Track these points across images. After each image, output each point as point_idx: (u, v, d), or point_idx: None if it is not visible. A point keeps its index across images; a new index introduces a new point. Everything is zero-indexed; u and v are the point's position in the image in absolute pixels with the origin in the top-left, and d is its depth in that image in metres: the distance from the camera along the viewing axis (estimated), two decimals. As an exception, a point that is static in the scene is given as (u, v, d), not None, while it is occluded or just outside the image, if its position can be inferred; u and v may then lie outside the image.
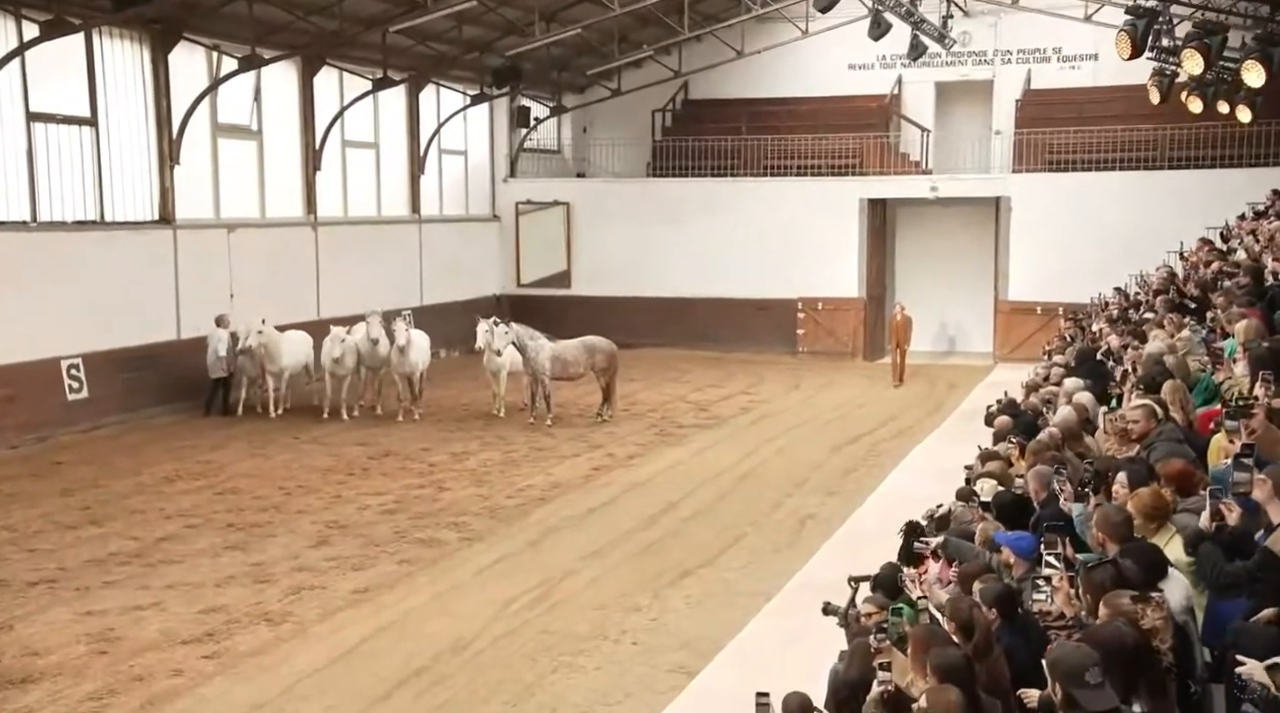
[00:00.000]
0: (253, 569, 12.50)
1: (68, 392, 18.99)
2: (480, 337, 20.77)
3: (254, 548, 13.27)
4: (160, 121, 20.91)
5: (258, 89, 23.34)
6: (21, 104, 18.62)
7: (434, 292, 29.00)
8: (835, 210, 30.55)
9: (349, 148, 26.43)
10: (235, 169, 23.05)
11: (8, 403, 17.88)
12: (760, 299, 31.02)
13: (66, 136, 19.44)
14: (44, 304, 18.67)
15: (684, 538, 14.09)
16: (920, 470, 17.52)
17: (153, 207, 21.02)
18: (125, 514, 14.67)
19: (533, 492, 16.23)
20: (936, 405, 23.91)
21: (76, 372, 19.05)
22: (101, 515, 14.57)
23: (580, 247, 32.27)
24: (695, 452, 19.14)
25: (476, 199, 31.83)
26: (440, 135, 29.73)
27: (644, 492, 16.43)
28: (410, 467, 17.66)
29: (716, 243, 31.21)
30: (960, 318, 31.75)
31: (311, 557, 12.98)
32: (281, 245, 23.94)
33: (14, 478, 16.43)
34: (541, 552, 13.41)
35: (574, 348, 21.32)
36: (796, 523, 14.88)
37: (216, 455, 18.04)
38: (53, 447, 18.35)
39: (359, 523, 14.44)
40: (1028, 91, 31.89)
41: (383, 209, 27.78)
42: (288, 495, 15.77)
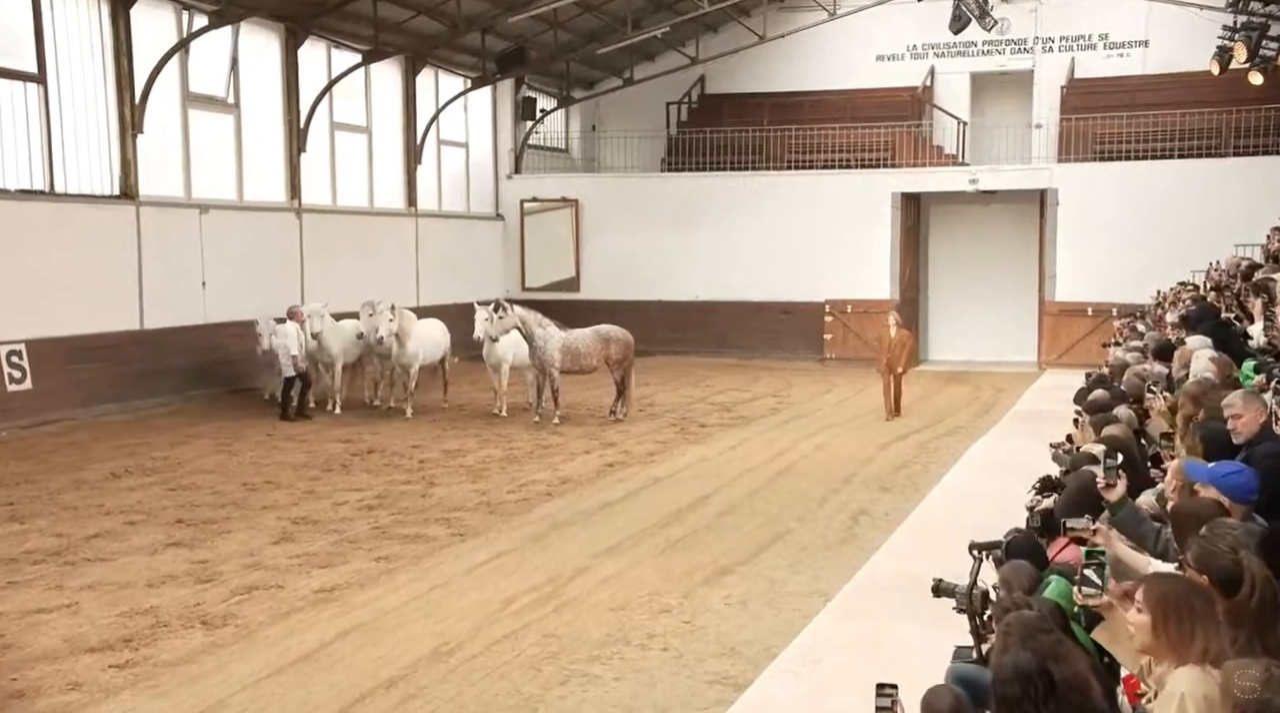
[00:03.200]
0: (196, 568, 10.36)
1: (7, 382, 16.88)
2: (478, 325, 18.71)
3: (202, 545, 11.14)
4: (121, 84, 18.90)
5: (235, 58, 21.38)
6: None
7: (432, 292, 26.90)
8: (865, 206, 28.58)
9: (339, 130, 24.48)
10: (209, 145, 21.06)
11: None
12: (784, 302, 28.98)
13: (7, 94, 17.40)
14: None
15: (718, 534, 11.94)
16: (983, 466, 15.43)
17: (112, 179, 18.98)
18: (55, 510, 12.55)
19: (537, 488, 14.09)
20: (985, 408, 21.79)
21: (18, 360, 16.96)
22: (26, 512, 12.45)
23: (590, 248, 30.26)
24: (723, 449, 17.02)
25: (479, 196, 29.86)
26: (439, 125, 27.81)
27: (667, 487, 14.29)
28: (397, 463, 15.55)
29: (737, 242, 29.23)
30: (1002, 322, 29.65)
31: (270, 554, 10.85)
32: (261, 231, 21.94)
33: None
34: (548, 548, 11.26)
35: (587, 338, 19.29)
36: (848, 519, 12.72)
37: (176, 452, 15.95)
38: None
39: (332, 519, 12.32)
40: (1072, 80, 29.92)
41: (376, 200, 25.79)
42: (252, 491, 13.65)
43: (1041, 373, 26.88)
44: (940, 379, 26.42)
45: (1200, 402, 7.81)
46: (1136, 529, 5.55)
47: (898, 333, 20.23)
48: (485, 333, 18.68)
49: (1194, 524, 4.56)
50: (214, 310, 20.28)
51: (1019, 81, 30.88)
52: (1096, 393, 11.86)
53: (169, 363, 19.38)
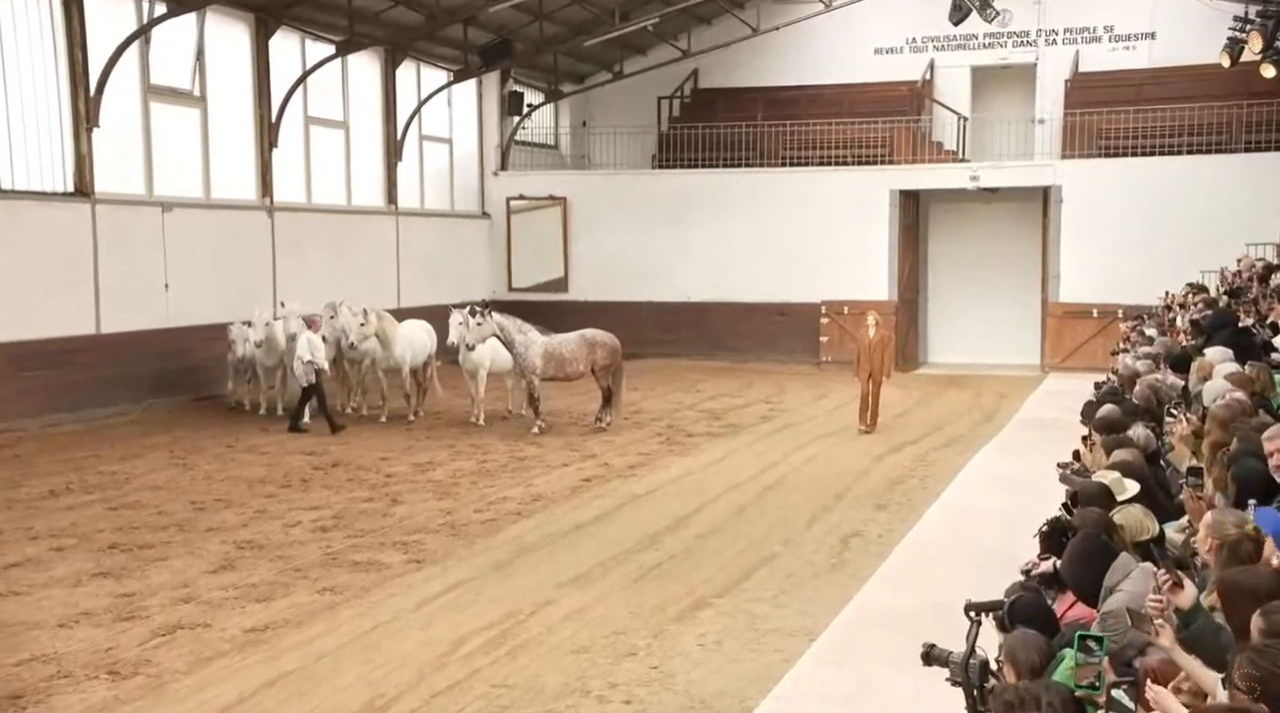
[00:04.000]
0: (119, 602, 9.42)
1: (-58, 391, 15.97)
2: (452, 330, 17.79)
3: (133, 575, 10.20)
4: (75, 75, 17.90)
5: (200, 48, 20.42)
6: None
7: (413, 293, 25.95)
8: (863, 204, 27.62)
9: (314, 125, 23.50)
10: (172, 140, 20.07)
11: None
12: (779, 303, 28.02)
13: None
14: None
15: (696, 560, 11.02)
16: (985, 481, 14.52)
17: (65, 176, 18.02)
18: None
19: (507, 506, 13.16)
20: (987, 415, 20.87)
21: (-38, 368, 16.06)
22: (-55, 537, 11.52)
23: (579, 247, 29.28)
24: (709, 461, 16.10)
25: (463, 193, 28.89)
26: (421, 120, 26.84)
27: (646, 505, 13.37)
28: (361, 478, 14.62)
29: (731, 242, 28.26)
30: (1004, 323, 28.65)
31: (206, 585, 9.91)
32: (230, 231, 20.96)
33: None
34: (510, 577, 10.33)
35: (571, 343, 18.40)
36: (839, 541, 11.80)
37: (126, 466, 15.02)
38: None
39: (280, 543, 11.39)
40: (1076, 74, 28.97)
41: (354, 198, 24.82)
42: (200, 511, 12.72)
43: (1045, 377, 25.95)
44: (939, 383, 25.50)
45: (1231, 428, 6.90)
46: (1215, 642, 4.19)
47: (877, 334, 18.46)
48: (461, 339, 17.75)
49: (1247, 603, 3.63)
50: (178, 313, 19.34)
51: (1021, 75, 29.95)
52: (1107, 409, 10.91)
53: (128, 369, 18.40)
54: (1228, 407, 7.27)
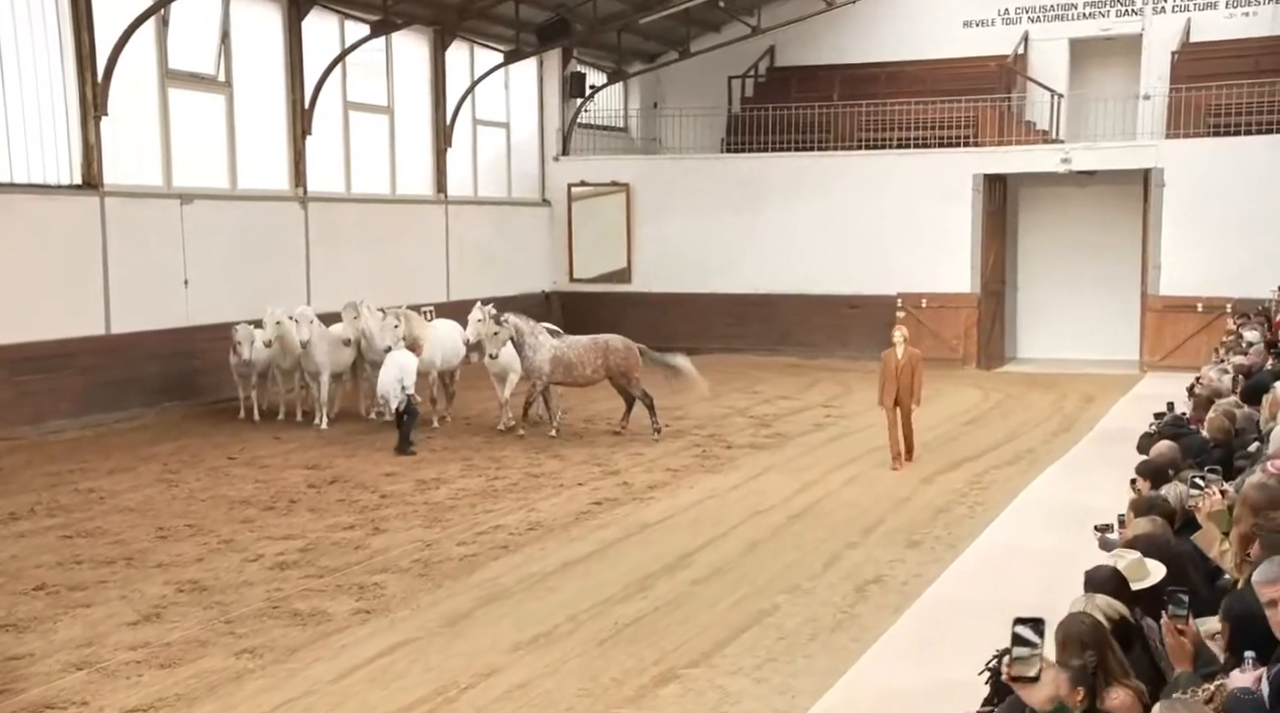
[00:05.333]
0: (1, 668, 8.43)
1: (-73, 399, 15.29)
2: (470, 326, 16.74)
3: (37, 629, 9.18)
4: (81, 59, 17.10)
5: (226, 30, 19.54)
6: None
7: (465, 286, 24.92)
8: (943, 189, 25.91)
9: (353, 110, 22.54)
10: (195, 128, 19.23)
11: None
12: (852, 296, 26.45)
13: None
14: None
15: (683, 613, 9.72)
16: (1041, 511, 12.95)
17: (71, 167, 17.24)
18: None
19: (497, 536, 11.99)
20: (1066, 423, 19.19)
21: (-53, 374, 15.37)
22: None
23: (643, 235, 28.01)
24: (740, 480, 14.75)
25: (521, 180, 27.78)
26: (475, 104, 25.76)
27: (652, 537, 12.10)
28: (354, 499, 13.57)
29: (800, 229, 26.77)
30: (1100, 317, 26.72)
31: (114, 643, 8.86)
32: (258, 223, 20.09)
33: None
34: (462, 635, 9.14)
35: (581, 347, 17.30)
36: (854, 590, 10.40)
37: (109, 482, 14.16)
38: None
39: (227, 584, 10.34)
40: (1186, 44, 26.82)
41: (398, 187, 23.82)
42: (161, 540, 11.76)
43: (1141, 377, 24.04)
44: (1024, 383, 23.75)
45: (1263, 515, 5.42)
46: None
47: (906, 353, 15.49)
48: (478, 336, 16.70)
49: None
50: (197, 312, 18.53)
51: (1125, 48, 27.89)
52: (1160, 448, 9.37)
53: (139, 371, 17.64)
54: (1262, 488, 5.74)
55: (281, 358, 17.56)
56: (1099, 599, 5.55)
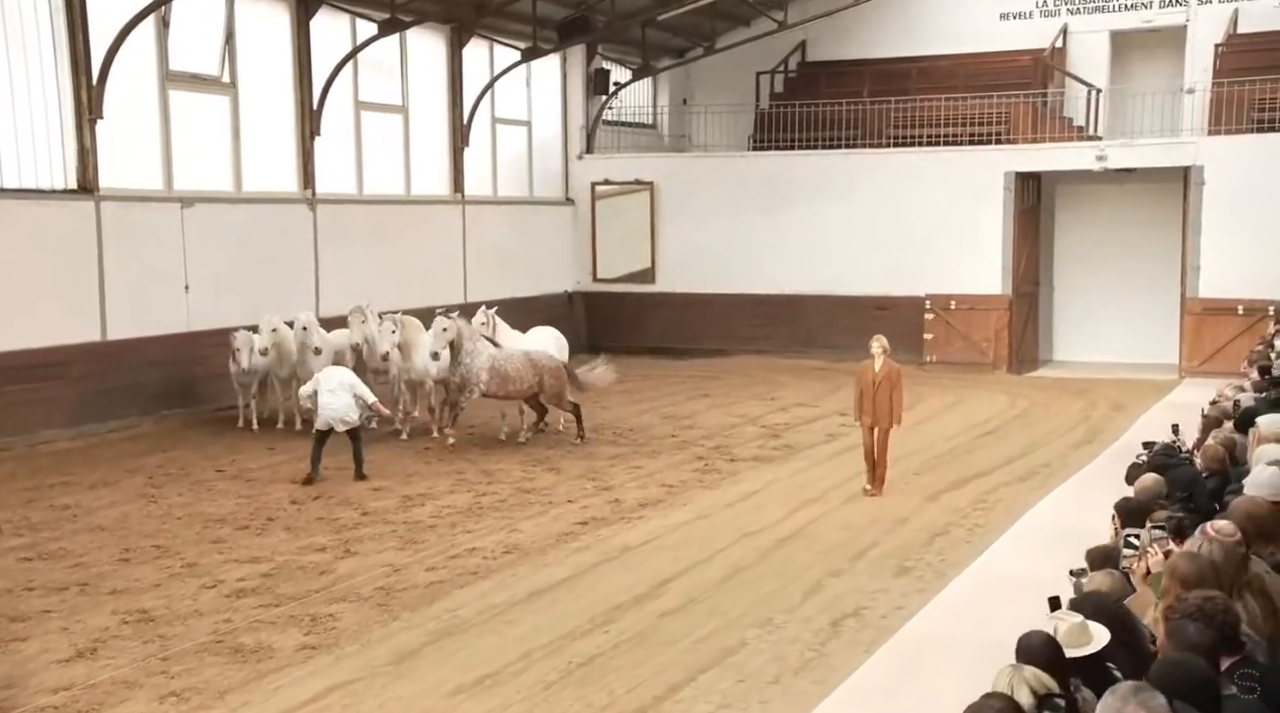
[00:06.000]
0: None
1: (-86, 410, 15.07)
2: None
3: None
4: (76, 63, 16.82)
5: (230, 31, 19.23)
6: None
7: (483, 287, 24.53)
8: (974, 188, 25.18)
9: (365, 110, 22.17)
10: (198, 131, 18.93)
11: None
12: (880, 297, 25.74)
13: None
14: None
15: (645, 650, 9.23)
16: (1039, 537, 12.28)
17: (65, 171, 16.98)
18: None
19: (469, 561, 11.54)
20: (1090, 434, 18.48)
21: (-71, 385, 15.14)
22: None
23: (667, 235, 27.47)
24: (737, 497, 14.22)
25: (544, 179, 27.32)
26: (495, 103, 25.34)
27: (629, 563, 11.60)
28: (334, 516, 13.18)
29: (827, 229, 26.14)
30: (1138, 320, 25.85)
31: (37, 685, 8.43)
32: (264, 226, 19.80)
33: None
34: (403, 676, 8.69)
35: (518, 361, 16.74)
36: (829, 625, 9.85)
37: (88, 497, 13.87)
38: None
39: (178, 613, 9.97)
40: (1232, 36, 25.85)
41: (413, 187, 23.44)
42: (123, 563, 11.42)
43: (1179, 382, 23.19)
44: (1053, 389, 22.98)
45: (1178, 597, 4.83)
46: None
47: (884, 366, 14.07)
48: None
49: None
50: (199, 317, 18.24)
51: (1169, 40, 27.00)
52: (1144, 482, 8.75)
53: (135, 378, 17.35)
54: (1192, 558, 5.11)
55: (279, 366, 17.25)
56: (1027, 672, 4.98)
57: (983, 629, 9.33)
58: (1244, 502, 6.45)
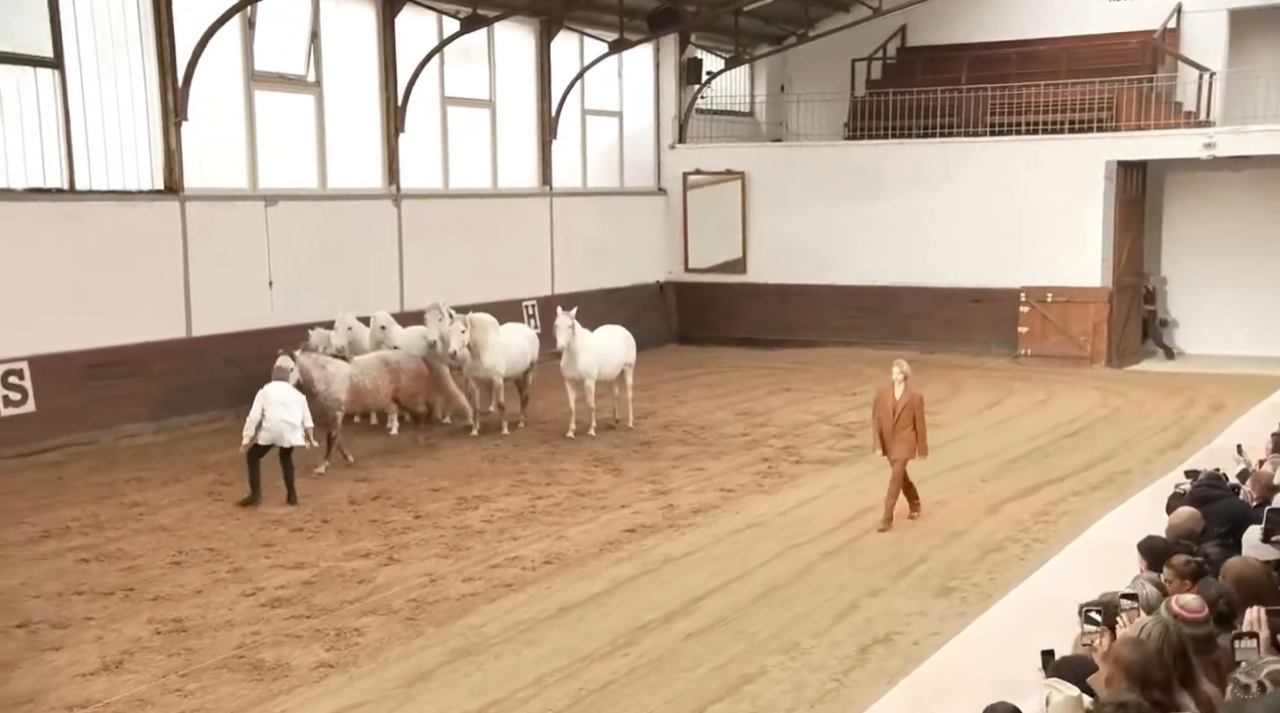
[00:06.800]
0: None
1: (1, 405, 15.36)
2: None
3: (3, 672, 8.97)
4: (163, 66, 17.05)
5: (315, 30, 19.31)
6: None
7: (571, 278, 24.45)
8: (1074, 177, 24.20)
9: (452, 106, 22.13)
10: (283, 129, 19.07)
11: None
12: (974, 289, 24.99)
13: (14, 81, 15.63)
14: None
15: (659, 676, 8.96)
16: (1098, 556, 11.56)
17: (152, 172, 17.23)
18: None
19: (508, 572, 11.39)
20: (1181, 436, 17.64)
21: (17, 380, 15.43)
22: None
23: (758, 225, 26.98)
24: (793, 504, 13.83)
25: (635, 169, 27.04)
26: (585, 94, 25.12)
27: (666, 577, 11.33)
28: (387, 519, 13.16)
29: (922, 220, 25.41)
30: (1251, 313, 24.67)
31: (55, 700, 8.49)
32: (348, 222, 19.89)
33: None
34: (411, 700, 8.56)
35: (373, 371, 15.77)
36: (857, 651, 9.48)
37: (158, 495, 14.05)
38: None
39: (211, 624, 10.00)
40: (1366, 10, 24.41)
41: (500, 180, 23.36)
42: (174, 566, 11.53)
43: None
44: (1152, 386, 22.00)
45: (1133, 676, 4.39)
46: None
47: (905, 393, 12.69)
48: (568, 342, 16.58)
49: None
50: (283, 312, 18.39)
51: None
52: (1178, 517, 8.24)
53: (219, 374, 17.52)
54: (1137, 646, 4.62)
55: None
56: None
57: (1010, 665, 8.79)
58: (1237, 563, 5.96)
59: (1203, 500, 8.63)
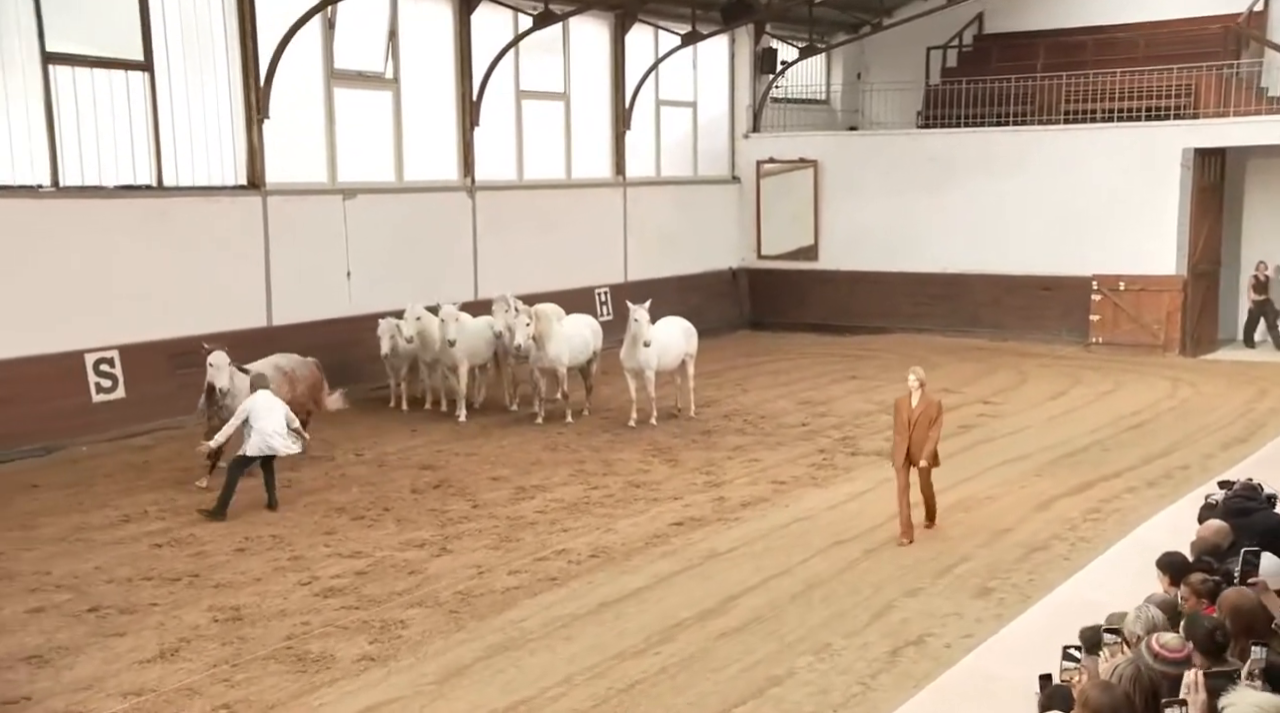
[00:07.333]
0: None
1: (94, 392, 15.80)
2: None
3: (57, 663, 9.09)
4: (246, 67, 17.31)
5: (393, 28, 19.44)
6: (36, 43, 15.22)
7: (644, 265, 24.42)
8: (1149, 165, 23.47)
9: (526, 99, 22.16)
10: (360, 125, 19.25)
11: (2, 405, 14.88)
12: (1044, 277, 24.41)
13: (107, 84, 16.05)
14: (65, 288, 15.54)
15: (686, 676, 8.92)
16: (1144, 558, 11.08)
17: (236, 169, 17.53)
18: None
19: (553, 565, 11.41)
20: (1248, 430, 17.11)
21: (109, 368, 15.84)
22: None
23: (830, 212, 26.62)
24: (843, 498, 13.66)
25: (709, 158, 26.83)
26: (658, 85, 24.98)
27: (708, 573, 11.26)
28: (446, 508, 13.26)
29: (993, 208, 24.88)
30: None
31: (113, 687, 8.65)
32: (424, 214, 20.04)
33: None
34: (444, 696, 8.60)
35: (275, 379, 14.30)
36: (888, 653, 9.34)
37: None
38: (57, 461, 15.19)
39: (265, 613, 10.17)
40: None
41: (574, 171, 23.35)
42: (238, 553, 11.75)
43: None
44: (1225, 375, 21.37)
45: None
46: None
47: (922, 401, 11.98)
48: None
49: None
50: (360, 302, 18.61)
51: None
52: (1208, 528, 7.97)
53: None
54: (1105, 689, 4.45)
55: (423, 351, 17.48)
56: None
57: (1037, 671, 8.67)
58: (1232, 594, 5.74)
59: (1237, 513, 8.34)
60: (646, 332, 16.43)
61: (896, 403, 12.22)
